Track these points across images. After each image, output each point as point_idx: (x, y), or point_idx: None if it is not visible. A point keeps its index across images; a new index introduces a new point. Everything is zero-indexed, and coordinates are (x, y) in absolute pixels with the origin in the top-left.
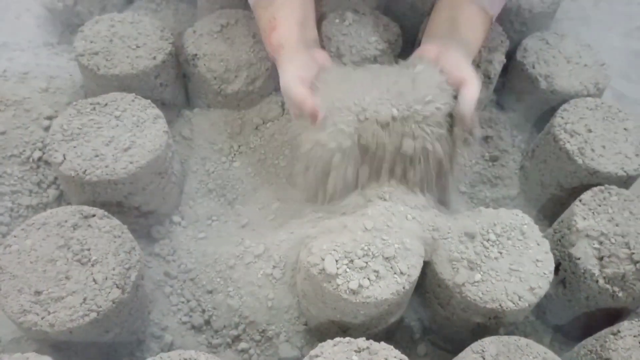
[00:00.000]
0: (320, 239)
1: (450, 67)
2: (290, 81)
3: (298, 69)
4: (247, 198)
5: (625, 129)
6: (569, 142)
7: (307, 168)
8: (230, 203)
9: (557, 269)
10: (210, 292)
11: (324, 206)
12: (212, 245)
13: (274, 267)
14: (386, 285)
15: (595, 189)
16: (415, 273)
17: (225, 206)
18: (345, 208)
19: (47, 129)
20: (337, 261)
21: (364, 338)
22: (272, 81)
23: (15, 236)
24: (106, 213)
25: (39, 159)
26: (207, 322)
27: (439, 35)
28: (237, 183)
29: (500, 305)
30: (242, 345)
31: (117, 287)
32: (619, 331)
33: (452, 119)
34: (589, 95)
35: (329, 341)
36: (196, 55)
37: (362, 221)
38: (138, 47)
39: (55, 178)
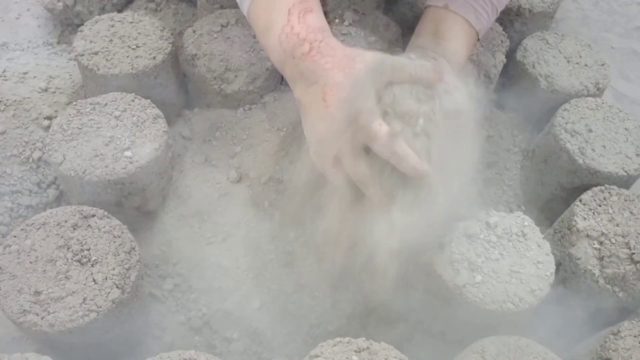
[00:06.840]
0: None
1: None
2: (369, 110)
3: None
4: None
5: (625, 128)
6: (569, 141)
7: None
8: None
9: (557, 269)
10: (206, 294)
11: None
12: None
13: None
14: None
15: (596, 189)
16: None
17: None
18: None
19: (46, 128)
20: None
21: (363, 338)
22: (272, 80)
23: (15, 236)
24: (106, 213)
25: (39, 158)
26: (206, 324)
27: (423, 47)
28: None
29: (500, 307)
30: (241, 345)
31: (117, 287)
32: (619, 331)
33: None
34: (589, 95)
35: (329, 341)
36: (196, 55)
37: None
38: (138, 47)
39: (55, 178)
